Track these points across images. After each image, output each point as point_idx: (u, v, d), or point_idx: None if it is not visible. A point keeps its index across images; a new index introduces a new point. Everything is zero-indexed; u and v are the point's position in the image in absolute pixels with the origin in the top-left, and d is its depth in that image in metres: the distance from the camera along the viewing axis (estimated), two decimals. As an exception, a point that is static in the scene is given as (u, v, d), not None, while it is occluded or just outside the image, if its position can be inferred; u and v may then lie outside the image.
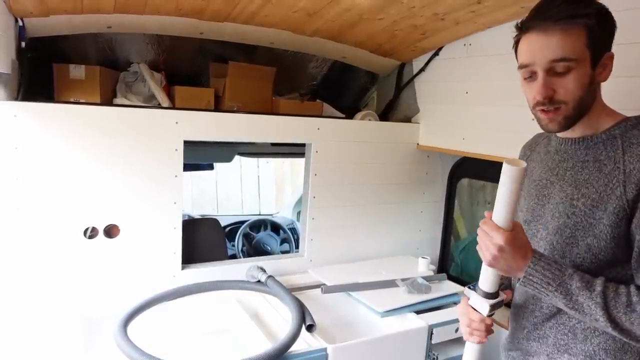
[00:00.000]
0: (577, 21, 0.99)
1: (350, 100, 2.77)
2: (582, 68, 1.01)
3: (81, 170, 1.72)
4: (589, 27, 0.99)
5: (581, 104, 1.04)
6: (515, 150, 1.47)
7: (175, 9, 1.82)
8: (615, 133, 1.06)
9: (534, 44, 1.03)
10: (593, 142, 1.08)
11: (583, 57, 1.00)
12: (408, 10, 1.79)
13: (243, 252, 3.55)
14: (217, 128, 1.97)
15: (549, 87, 1.02)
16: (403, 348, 1.76)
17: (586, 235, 1.05)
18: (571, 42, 0.99)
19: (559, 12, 0.99)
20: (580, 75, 1.01)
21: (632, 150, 1.01)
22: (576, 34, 0.99)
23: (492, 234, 1.02)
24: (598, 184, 1.05)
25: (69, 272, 1.74)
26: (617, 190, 1.01)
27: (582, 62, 1.01)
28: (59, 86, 1.93)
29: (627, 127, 1.05)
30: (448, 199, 2.58)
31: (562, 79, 1.01)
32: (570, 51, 0.99)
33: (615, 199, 1.01)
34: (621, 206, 1.00)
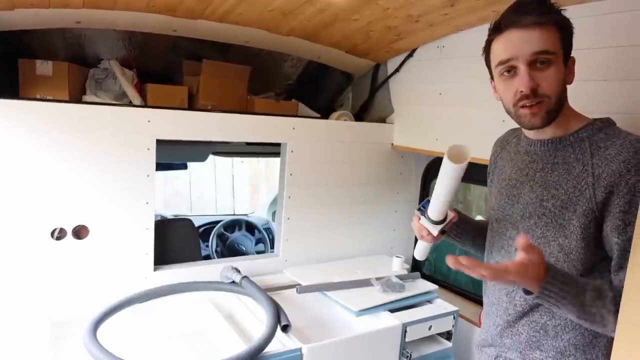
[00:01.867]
0: (552, 18, 1.03)
1: (325, 100, 2.77)
2: (559, 63, 1.05)
3: (48, 170, 1.66)
4: (561, 25, 1.05)
5: (560, 99, 1.07)
6: (485, 151, 1.50)
7: (147, 6, 1.79)
8: (583, 136, 1.09)
9: (514, 39, 1.05)
10: (562, 144, 1.11)
11: (559, 53, 1.05)
12: (383, 12, 1.80)
13: (217, 253, 3.51)
14: (190, 127, 1.94)
15: (533, 80, 1.04)
16: (378, 346, 1.78)
17: (557, 235, 1.08)
18: (549, 36, 1.03)
19: (536, 9, 1.03)
20: (559, 70, 1.05)
21: (600, 153, 1.04)
22: (552, 30, 1.03)
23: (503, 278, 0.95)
24: (567, 185, 1.07)
25: (36, 274, 1.69)
26: (587, 193, 1.04)
27: (559, 57, 1.05)
28: (24, 82, 1.86)
29: (593, 130, 1.09)
30: (421, 198, 2.61)
31: (544, 73, 1.04)
32: (550, 45, 1.03)
33: (585, 201, 1.04)
34: (590, 208, 1.03)
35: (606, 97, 1.45)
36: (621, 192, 0.99)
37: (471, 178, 2.53)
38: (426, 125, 2.23)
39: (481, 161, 1.88)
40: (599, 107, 1.43)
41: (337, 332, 1.78)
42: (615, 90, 1.43)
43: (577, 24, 1.12)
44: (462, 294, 2.34)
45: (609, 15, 1.43)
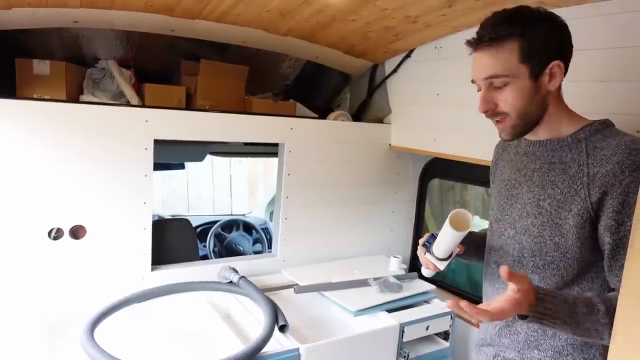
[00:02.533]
0: (506, 40, 1.04)
1: (323, 101, 2.78)
2: (519, 82, 1.06)
3: (46, 170, 1.66)
4: (522, 42, 1.04)
5: (525, 114, 1.09)
6: (483, 151, 1.50)
7: (144, 5, 1.78)
8: (581, 137, 1.10)
9: (475, 62, 1.11)
10: (559, 144, 1.12)
11: (518, 72, 1.06)
12: (380, 12, 1.81)
13: (215, 253, 3.51)
14: (188, 127, 1.94)
15: (489, 101, 1.09)
16: (375, 346, 1.78)
17: (554, 234, 1.09)
18: (502, 60, 1.05)
19: (488, 34, 1.06)
20: (518, 88, 1.06)
21: (596, 154, 1.05)
22: (508, 51, 1.05)
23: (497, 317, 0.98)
24: (563, 185, 1.08)
25: (33, 274, 1.68)
26: (582, 192, 1.05)
27: (518, 76, 1.06)
28: (21, 82, 1.86)
29: (591, 131, 1.09)
30: (419, 199, 2.62)
31: (501, 93, 1.08)
32: (502, 68, 1.06)
33: (580, 200, 1.05)
34: (585, 208, 1.04)
35: (607, 98, 1.45)
36: (615, 193, 1.00)
37: (469, 178, 2.54)
38: (424, 125, 2.23)
39: (478, 161, 1.89)
40: (600, 108, 1.44)
41: (334, 332, 1.78)
42: (616, 91, 1.43)
43: (577, 24, 1.12)
44: (459, 294, 2.34)
45: (609, 16, 1.43)
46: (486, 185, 2.66)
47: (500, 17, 1.06)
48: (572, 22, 1.12)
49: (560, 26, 1.09)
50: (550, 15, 1.08)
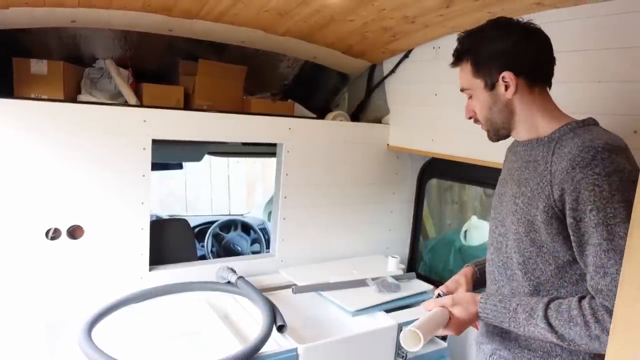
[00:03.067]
0: (462, 59, 1.20)
1: (321, 101, 2.78)
2: (478, 94, 1.19)
3: (43, 170, 1.65)
4: (474, 60, 1.18)
5: (489, 120, 1.21)
6: (481, 151, 1.51)
7: (142, 5, 1.78)
8: (555, 136, 1.12)
9: None
10: (537, 144, 1.15)
11: (475, 86, 1.19)
12: (378, 13, 1.81)
13: (213, 253, 3.50)
14: (186, 127, 1.94)
15: (469, 110, 1.25)
16: (373, 346, 1.78)
17: (528, 231, 1.12)
18: (463, 74, 1.21)
19: (453, 54, 1.22)
20: (480, 99, 1.19)
21: (559, 151, 1.07)
22: (466, 68, 1.20)
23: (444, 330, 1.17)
24: (533, 182, 1.11)
25: (31, 274, 1.68)
26: (546, 190, 1.07)
27: (476, 89, 1.19)
28: (18, 81, 1.85)
29: (565, 130, 1.12)
30: (417, 199, 2.62)
31: (472, 103, 1.23)
32: (464, 83, 1.22)
33: (545, 197, 1.07)
34: (549, 205, 1.06)
35: (604, 99, 1.46)
36: (569, 190, 1.02)
37: (467, 178, 2.55)
38: (422, 125, 2.24)
39: (477, 162, 1.90)
40: (597, 109, 1.45)
41: (332, 332, 1.78)
42: (612, 92, 1.44)
43: (575, 25, 1.13)
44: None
45: (607, 17, 1.43)
46: (484, 185, 2.66)
47: (459, 41, 1.22)
48: (570, 22, 1.12)
49: (516, 38, 1.14)
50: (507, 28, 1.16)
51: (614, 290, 0.94)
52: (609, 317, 0.96)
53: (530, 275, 1.14)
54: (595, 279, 0.99)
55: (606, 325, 0.96)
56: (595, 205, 0.97)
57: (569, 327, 1.00)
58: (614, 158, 0.99)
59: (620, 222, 0.95)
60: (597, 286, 0.98)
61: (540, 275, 1.13)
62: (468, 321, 1.17)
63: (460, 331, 1.17)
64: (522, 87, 1.14)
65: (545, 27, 1.17)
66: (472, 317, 1.16)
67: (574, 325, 0.99)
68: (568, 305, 1.02)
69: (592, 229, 0.98)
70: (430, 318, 1.15)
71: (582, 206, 1.00)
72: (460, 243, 3.07)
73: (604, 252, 0.97)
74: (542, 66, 1.17)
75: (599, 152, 0.99)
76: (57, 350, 1.59)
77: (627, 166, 0.99)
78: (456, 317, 1.16)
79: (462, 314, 1.16)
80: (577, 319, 0.99)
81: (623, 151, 1.02)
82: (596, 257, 0.98)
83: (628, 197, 0.95)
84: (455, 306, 1.17)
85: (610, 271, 0.96)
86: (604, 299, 0.97)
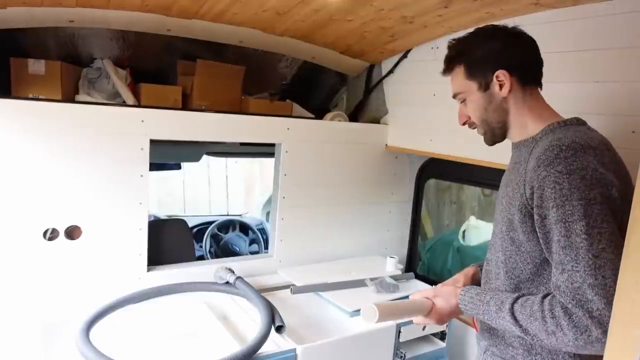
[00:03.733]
0: (453, 64, 1.23)
1: (320, 101, 2.77)
2: (472, 96, 1.21)
3: (41, 170, 1.65)
4: (466, 63, 1.20)
5: (485, 121, 1.22)
6: (479, 152, 1.51)
7: (140, 5, 1.78)
8: (537, 137, 1.14)
9: None
10: (524, 145, 1.18)
11: (468, 89, 1.21)
12: (377, 13, 1.81)
13: (211, 253, 3.50)
14: (184, 127, 1.94)
15: (462, 115, 1.27)
16: (372, 347, 1.78)
17: (509, 230, 1.15)
18: (455, 79, 1.24)
19: (444, 61, 1.25)
20: (473, 101, 1.21)
21: (534, 151, 1.09)
22: (457, 73, 1.22)
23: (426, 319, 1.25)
24: (513, 183, 1.14)
25: (28, 275, 1.67)
26: (521, 189, 1.09)
27: (470, 92, 1.21)
28: (16, 81, 1.85)
29: (546, 130, 1.14)
30: (416, 199, 2.62)
31: (466, 108, 1.25)
32: (456, 87, 1.24)
33: (519, 196, 1.09)
34: (523, 203, 1.08)
35: (600, 99, 1.46)
36: (535, 187, 1.04)
37: (465, 179, 2.55)
38: (420, 126, 2.24)
39: (475, 162, 1.90)
40: (593, 109, 1.45)
41: (331, 332, 1.78)
42: (609, 92, 1.44)
43: (573, 25, 1.13)
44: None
45: (605, 17, 1.44)
46: (482, 185, 2.66)
47: (449, 48, 1.24)
48: (567, 23, 1.12)
49: (505, 40, 1.17)
50: (495, 32, 1.19)
51: (570, 287, 0.97)
52: (563, 313, 0.97)
53: (510, 274, 1.17)
54: (556, 275, 1.01)
55: (560, 322, 0.97)
56: (555, 203, 1.00)
57: (530, 322, 1.03)
58: (579, 156, 1.00)
59: (577, 219, 0.97)
60: (557, 282, 1.00)
61: (520, 274, 1.15)
62: (449, 312, 1.23)
63: (441, 321, 1.25)
64: (515, 86, 1.16)
65: (542, 28, 1.18)
66: (453, 308, 1.22)
67: (533, 320, 1.02)
68: (532, 300, 1.04)
69: (553, 226, 1.01)
70: (401, 302, 1.26)
71: (545, 203, 1.02)
72: (458, 243, 3.08)
73: (562, 248, 0.99)
74: (531, 65, 1.19)
75: (562, 151, 1.01)
76: (54, 351, 1.58)
77: (592, 165, 0.99)
78: (437, 307, 1.23)
79: (443, 304, 1.22)
80: (537, 314, 1.01)
81: (592, 149, 1.01)
82: (556, 253, 1.01)
83: (589, 195, 0.97)
84: (437, 297, 1.24)
85: (567, 267, 0.98)
86: (560, 295, 0.99)
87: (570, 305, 0.96)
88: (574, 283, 0.96)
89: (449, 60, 1.24)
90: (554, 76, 1.28)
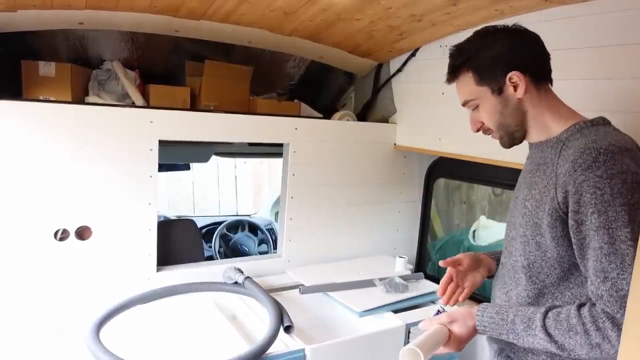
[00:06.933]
0: (459, 71, 1.17)
1: (328, 101, 2.77)
2: (485, 101, 1.16)
3: (51, 171, 1.66)
4: (472, 69, 1.15)
5: (502, 125, 1.17)
6: (489, 150, 1.49)
7: (149, 6, 1.79)
8: (563, 137, 1.11)
9: None
10: (547, 145, 1.14)
11: (480, 94, 1.16)
12: (385, 11, 1.80)
13: (220, 254, 3.51)
14: (193, 128, 1.94)
15: (475, 121, 1.22)
16: (381, 347, 1.77)
17: (535, 234, 1.11)
18: (464, 86, 1.18)
19: (448, 73, 1.21)
20: (487, 107, 1.16)
21: (564, 152, 1.06)
22: (465, 79, 1.17)
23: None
24: (541, 185, 1.10)
25: (39, 275, 1.69)
26: (552, 192, 1.05)
27: (483, 97, 1.16)
28: (27, 84, 1.87)
29: (573, 131, 1.10)
30: (425, 198, 2.60)
31: (478, 113, 1.20)
32: (467, 94, 1.18)
33: (550, 200, 1.06)
34: (554, 207, 1.05)
35: (610, 96, 1.44)
36: (571, 192, 1.00)
37: (475, 178, 2.52)
38: (429, 125, 2.22)
39: (485, 161, 1.88)
40: (604, 106, 1.42)
41: (340, 332, 1.77)
42: (620, 88, 1.42)
43: (582, 21, 1.11)
44: (466, 295, 2.33)
45: (613, 13, 1.41)
46: (493, 184, 2.64)
47: (451, 56, 1.19)
48: (578, 19, 1.11)
49: (511, 39, 1.14)
50: (498, 33, 1.15)
51: (615, 296, 0.93)
52: (610, 323, 0.94)
53: (534, 279, 1.13)
54: (596, 284, 0.97)
55: (607, 333, 0.94)
56: (596, 209, 0.96)
57: (569, 337, 0.98)
58: (617, 159, 0.96)
59: (621, 225, 0.93)
60: (597, 291, 0.96)
61: (545, 279, 1.11)
62: (467, 337, 1.14)
63: (460, 348, 1.14)
64: (529, 86, 1.13)
65: (552, 24, 1.16)
66: (470, 331, 1.13)
67: (573, 334, 0.97)
68: (567, 313, 1.00)
69: (593, 232, 0.97)
70: (429, 335, 1.11)
71: (583, 209, 0.98)
72: (469, 243, 3.05)
73: (605, 256, 0.95)
74: (540, 62, 1.16)
75: (601, 154, 0.97)
76: (65, 350, 1.59)
77: (631, 168, 0.96)
78: (456, 334, 1.13)
79: (461, 329, 1.13)
80: (577, 328, 0.97)
81: (628, 152, 0.99)
82: (597, 261, 0.96)
83: (631, 200, 0.94)
84: (453, 323, 1.14)
85: (611, 275, 0.94)
86: (604, 304, 0.95)
87: (618, 315, 0.92)
88: (619, 291, 0.93)
89: (454, 68, 1.18)
90: (565, 73, 1.26)
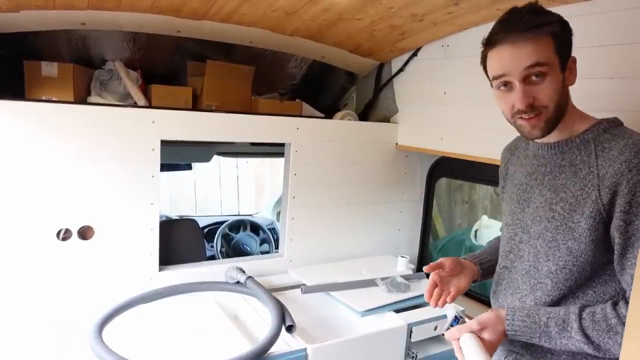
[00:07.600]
0: (544, 29, 1.02)
1: (329, 100, 2.77)
2: (554, 73, 1.05)
3: (54, 171, 1.67)
4: (555, 34, 1.04)
5: (559, 107, 1.07)
6: (491, 150, 1.49)
7: (151, 7, 1.79)
8: (589, 137, 1.09)
9: (505, 55, 1.05)
10: (568, 146, 1.12)
11: (554, 63, 1.04)
12: (387, 11, 1.80)
13: (222, 253, 3.52)
14: (195, 127, 1.95)
15: (529, 95, 1.05)
16: (383, 347, 1.77)
17: (566, 239, 1.08)
18: (541, 49, 1.03)
19: (527, 23, 1.02)
20: (555, 79, 1.05)
21: (605, 154, 1.04)
22: (544, 41, 1.03)
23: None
24: (575, 188, 1.08)
25: (42, 275, 1.69)
26: (593, 194, 1.04)
27: (554, 67, 1.05)
28: (30, 84, 1.87)
29: (599, 130, 1.09)
30: (426, 198, 2.60)
31: (540, 86, 1.04)
32: (542, 57, 1.03)
33: (591, 202, 1.04)
34: (597, 210, 1.03)
35: (615, 95, 1.43)
36: (622, 192, 0.99)
37: (477, 177, 2.52)
38: (431, 124, 2.22)
39: (486, 160, 1.88)
40: (609, 105, 1.42)
41: (342, 332, 1.77)
42: (625, 88, 1.41)
43: (584, 21, 1.10)
44: (467, 294, 2.32)
45: (618, 12, 1.41)
46: (494, 184, 2.63)
47: (535, 6, 1.05)
48: (582, 18, 1.10)
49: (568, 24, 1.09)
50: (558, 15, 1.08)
51: None
52: None
53: (561, 285, 1.10)
54: None
55: None
56: None
57: (609, 337, 0.97)
58: None
59: None
60: None
61: (573, 283, 1.09)
62: (498, 342, 1.09)
63: (492, 355, 1.07)
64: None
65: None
66: (500, 336, 1.08)
67: (613, 334, 0.97)
68: (603, 314, 0.99)
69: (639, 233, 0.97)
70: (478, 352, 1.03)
71: (634, 209, 0.98)
72: (470, 242, 3.05)
73: None
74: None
75: None
76: (67, 350, 1.60)
77: None
78: (487, 342, 1.07)
79: (492, 336, 1.07)
80: (617, 328, 0.96)
81: None
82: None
83: None
84: (484, 330, 1.08)
85: None
86: None
87: None
88: None
89: (539, 23, 1.02)
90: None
